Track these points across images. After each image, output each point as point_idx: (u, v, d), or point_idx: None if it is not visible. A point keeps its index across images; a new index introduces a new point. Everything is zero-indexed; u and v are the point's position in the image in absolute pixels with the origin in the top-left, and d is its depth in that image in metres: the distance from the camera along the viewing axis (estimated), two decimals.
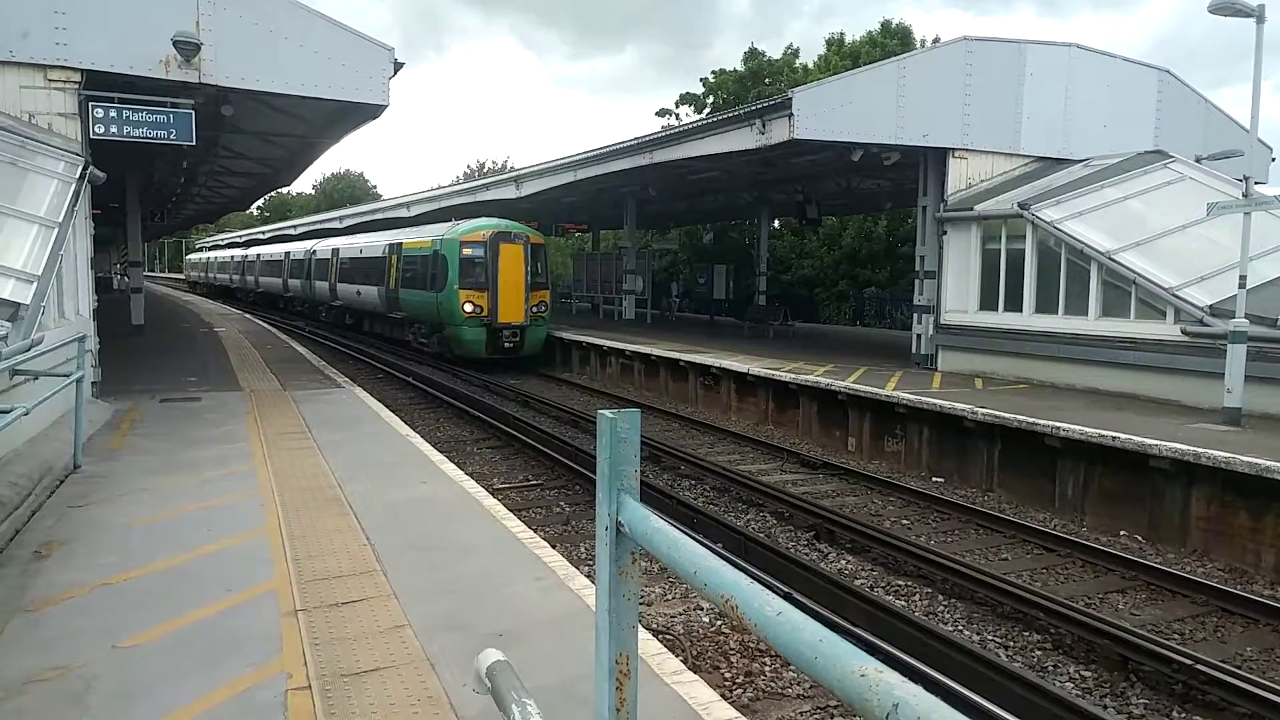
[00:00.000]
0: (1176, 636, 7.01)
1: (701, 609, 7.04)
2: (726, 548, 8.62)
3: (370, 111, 13.75)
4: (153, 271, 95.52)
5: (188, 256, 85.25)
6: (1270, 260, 13.01)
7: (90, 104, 11.61)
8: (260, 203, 66.60)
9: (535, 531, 7.23)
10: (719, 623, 6.82)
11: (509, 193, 26.79)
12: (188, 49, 11.48)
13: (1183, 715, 5.81)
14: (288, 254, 40.38)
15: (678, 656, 4.96)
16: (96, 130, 11.69)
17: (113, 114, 11.70)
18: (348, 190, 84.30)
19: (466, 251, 21.89)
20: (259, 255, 47.89)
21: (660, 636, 6.15)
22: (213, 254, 67.25)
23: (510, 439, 13.89)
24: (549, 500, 10.60)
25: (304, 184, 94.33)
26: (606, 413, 1.90)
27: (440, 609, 4.99)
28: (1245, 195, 11.55)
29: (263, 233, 60.82)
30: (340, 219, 44.18)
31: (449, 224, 24.08)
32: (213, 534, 6.26)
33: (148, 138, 12.01)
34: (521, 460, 12.74)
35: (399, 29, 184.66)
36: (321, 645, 4.47)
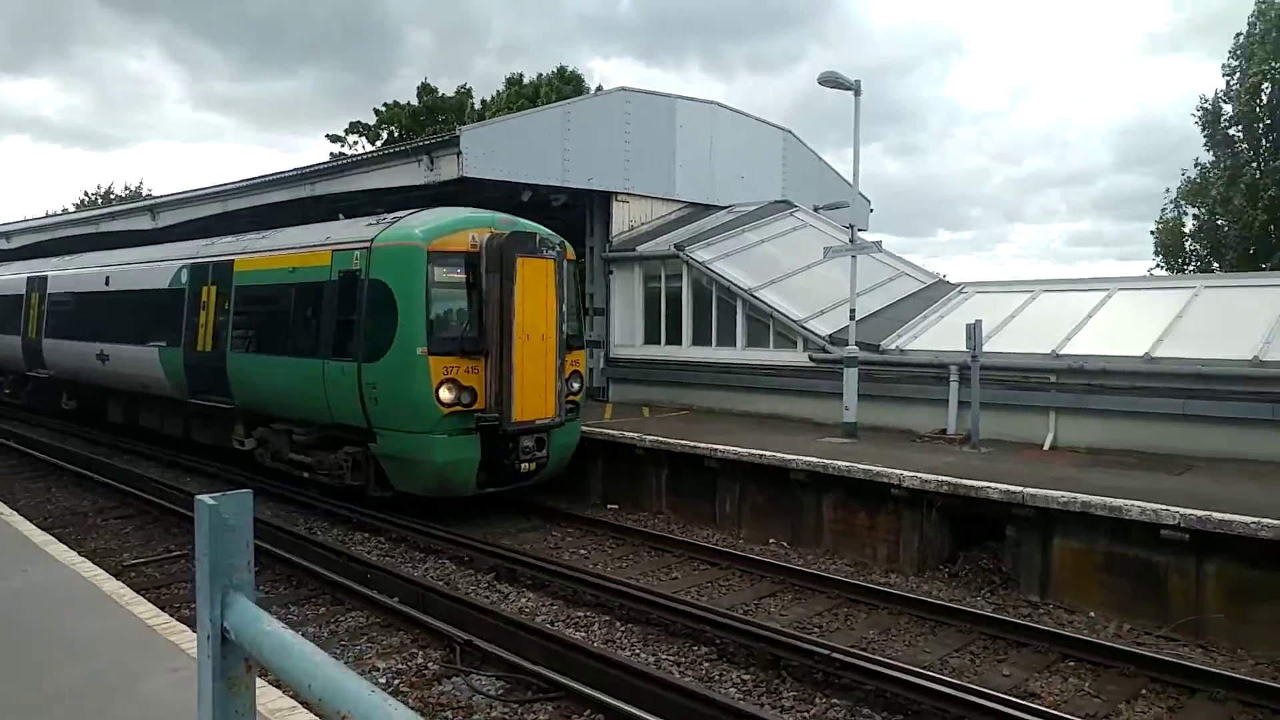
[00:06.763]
0: (816, 630, 7.89)
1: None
2: (403, 600, 8.18)
3: None
4: None
5: None
6: (872, 295, 15.46)
7: None
8: None
9: (175, 611, 6.30)
10: None
11: (143, 223, 23.55)
12: None
13: (823, 700, 6.51)
14: None
15: None
16: None
17: None
18: None
19: (442, 272, 10.88)
20: None
21: None
22: None
23: (146, 504, 12.04)
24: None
25: None
26: (206, 498, 1.56)
27: None
28: (851, 241, 13.62)
29: None
30: None
31: (382, 220, 11.84)
32: None
33: None
34: (161, 528, 11.08)
35: None
36: None
